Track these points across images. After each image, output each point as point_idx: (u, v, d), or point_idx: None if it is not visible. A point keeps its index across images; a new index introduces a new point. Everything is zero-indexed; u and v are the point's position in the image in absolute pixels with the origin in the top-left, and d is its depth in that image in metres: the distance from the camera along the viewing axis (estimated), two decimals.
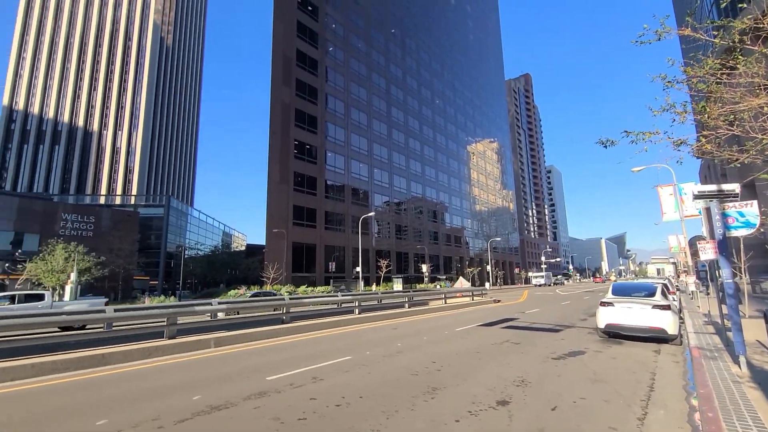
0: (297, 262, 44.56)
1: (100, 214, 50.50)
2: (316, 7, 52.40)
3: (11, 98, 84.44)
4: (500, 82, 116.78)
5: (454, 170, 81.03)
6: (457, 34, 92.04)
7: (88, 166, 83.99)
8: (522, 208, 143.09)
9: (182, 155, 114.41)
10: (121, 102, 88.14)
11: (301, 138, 47.09)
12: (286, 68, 46.82)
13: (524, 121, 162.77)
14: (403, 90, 68.93)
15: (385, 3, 67.65)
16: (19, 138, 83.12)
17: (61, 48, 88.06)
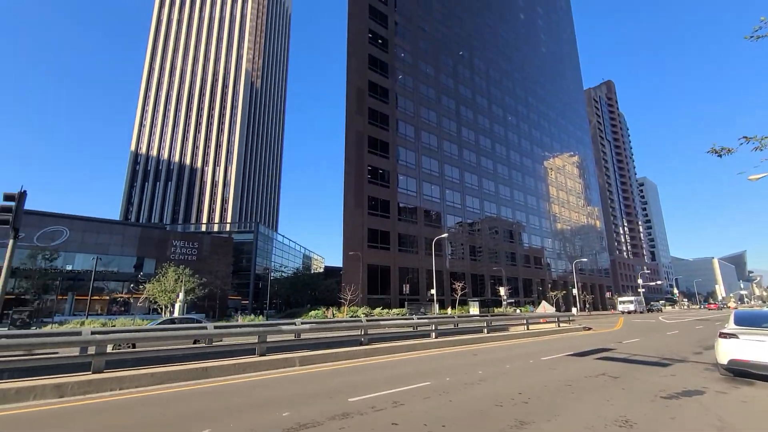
0: (372, 283, 45.40)
1: (202, 240, 56.94)
2: (386, 40, 55.02)
3: (137, 144, 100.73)
4: (578, 92, 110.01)
5: (531, 188, 77.07)
6: (528, 48, 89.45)
7: (193, 198, 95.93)
8: (611, 226, 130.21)
9: (268, 185, 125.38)
10: (219, 141, 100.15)
11: (374, 163, 48.82)
12: (360, 99, 49.43)
13: (608, 131, 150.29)
14: (473, 110, 68.34)
15: (451, 26, 68.65)
16: (141, 177, 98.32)
17: (174, 99, 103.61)
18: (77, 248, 46.72)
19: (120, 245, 49.76)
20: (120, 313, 46.24)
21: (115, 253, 48.83)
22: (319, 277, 76.67)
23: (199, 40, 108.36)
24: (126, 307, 48.32)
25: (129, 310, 47.79)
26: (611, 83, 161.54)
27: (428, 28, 63.61)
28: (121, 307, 48.14)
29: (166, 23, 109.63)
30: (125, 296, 48.35)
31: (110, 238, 49.45)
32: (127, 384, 8.98)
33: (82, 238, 47.46)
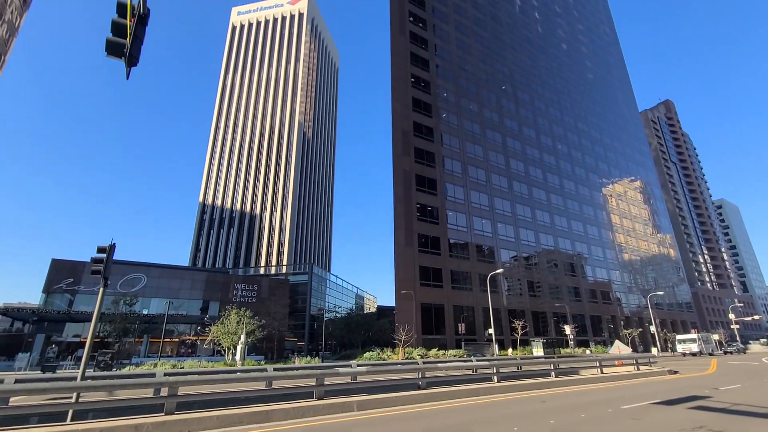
0: (426, 323, 44.20)
1: (260, 283, 59.54)
2: (428, 82, 57.05)
3: (204, 195, 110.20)
4: (634, 115, 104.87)
5: (590, 217, 72.68)
6: (574, 76, 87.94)
7: (252, 243, 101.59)
8: (688, 255, 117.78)
9: (320, 226, 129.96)
10: (275, 188, 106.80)
11: (422, 201, 49.14)
12: (405, 140, 50.89)
13: (673, 153, 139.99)
14: (520, 141, 67.38)
15: (492, 64, 69.76)
16: (207, 225, 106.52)
17: (236, 153, 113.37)
18: (153, 293, 50.80)
19: (189, 289, 53.42)
20: (188, 354, 48.73)
21: (184, 297, 52.40)
22: (372, 317, 76.15)
23: (258, 98, 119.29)
24: (193, 349, 50.90)
25: (195, 351, 50.27)
26: (670, 103, 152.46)
27: (469, 68, 65.15)
28: (188, 348, 50.80)
29: (230, 87, 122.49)
30: (192, 338, 51.10)
31: (180, 283, 53.36)
32: (194, 426, 9.35)
33: (157, 283, 51.69)
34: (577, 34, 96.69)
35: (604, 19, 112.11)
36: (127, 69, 8.16)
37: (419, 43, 58.31)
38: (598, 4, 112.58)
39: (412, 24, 58.31)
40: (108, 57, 7.79)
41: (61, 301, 46.55)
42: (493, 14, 74.61)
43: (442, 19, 64.03)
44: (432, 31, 61.15)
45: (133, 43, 7.88)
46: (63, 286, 46.59)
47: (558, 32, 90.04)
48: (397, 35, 56.27)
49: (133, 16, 8.08)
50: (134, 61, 8.27)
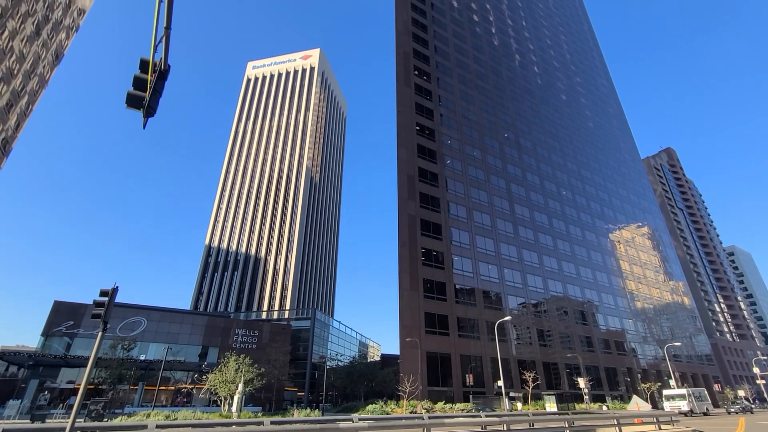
0: (432, 374, 42.34)
1: (262, 327, 58.21)
2: (433, 130, 59.02)
3: (210, 238, 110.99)
4: (636, 162, 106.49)
5: (598, 263, 71.57)
6: (575, 125, 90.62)
7: (256, 286, 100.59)
8: (703, 303, 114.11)
9: (325, 270, 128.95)
10: (281, 231, 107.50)
11: (427, 245, 48.99)
12: (410, 185, 51.76)
13: (678, 199, 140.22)
14: (524, 187, 68.18)
15: (494, 113, 72.37)
16: (212, 267, 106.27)
17: (244, 196, 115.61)
18: (152, 338, 49.73)
19: (188, 334, 52.26)
20: (183, 404, 46.68)
21: (183, 341, 51.15)
22: (376, 366, 73.26)
23: (268, 144, 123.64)
24: (189, 398, 48.82)
25: (191, 401, 48.18)
26: (671, 150, 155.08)
27: (472, 116, 67.59)
28: (184, 398, 48.75)
29: (242, 133, 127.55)
30: (189, 386, 49.18)
31: (181, 327, 52.33)
32: None
33: (156, 327, 50.74)
34: (576, 86, 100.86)
35: (601, 72, 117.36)
36: (144, 119, 8.63)
37: (424, 94, 61.06)
38: (594, 58, 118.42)
39: (416, 77, 61.43)
40: (127, 108, 8.31)
41: (59, 345, 45.65)
42: (494, 68, 78.56)
43: (445, 72, 67.47)
44: (436, 84, 64.23)
45: (152, 95, 8.39)
46: (63, 329, 45.92)
47: (557, 84, 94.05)
48: (403, 87, 59.10)
49: (154, 72, 8.67)
50: (152, 112, 8.75)
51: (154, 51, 8.36)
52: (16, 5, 51.65)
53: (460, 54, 72.58)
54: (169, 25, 7.67)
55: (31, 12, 55.86)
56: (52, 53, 65.35)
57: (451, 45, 71.77)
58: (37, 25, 58.28)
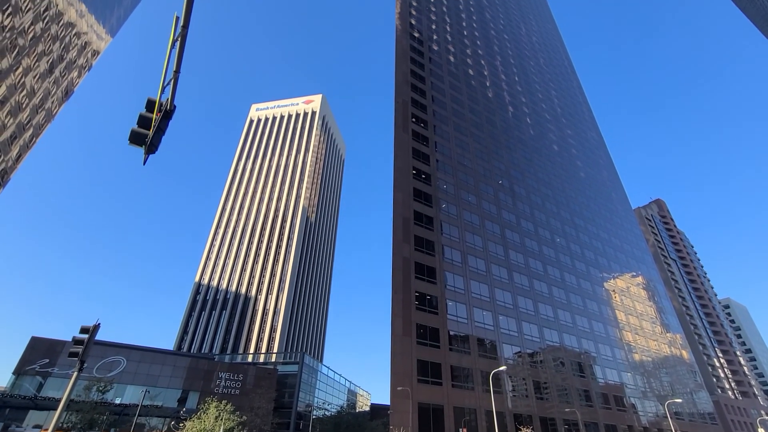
0: (424, 427, 40.10)
1: (247, 372, 55.64)
2: (429, 174, 60.28)
3: (201, 275, 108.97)
4: (628, 212, 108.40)
5: (594, 312, 70.60)
6: (567, 174, 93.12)
7: (244, 327, 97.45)
8: (702, 357, 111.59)
9: (316, 312, 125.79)
10: (273, 271, 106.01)
11: (421, 289, 48.30)
12: (406, 228, 51.97)
13: (671, 250, 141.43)
14: (518, 233, 68.65)
15: (489, 160, 74.45)
16: (200, 306, 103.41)
17: (238, 234, 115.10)
18: (130, 379, 47.21)
19: (169, 376, 49.73)
20: None
21: (163, 384, 48.55)
22: (365, 417, 69.46)
23: (266, 184, 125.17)
24: None
25: None
26: (662, 201, 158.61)
27: (467, 163, 69.39)
28: None
29: (241, 171, 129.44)
30: None
31: (161, 369, 49.90)
32: None
33: (136, 368, 48.35)
34: (567, 138, 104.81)
35: (590, 126, 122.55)
36: (145, 156, 8.79)
37: (421, 140, 63.02)
38: (583, 112, 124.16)
39: (414, 124, 63.72)
40: (129, 145, 8.49)
41: (30, 385, 43.14)
42: (488, 118, 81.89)
43: (442, 120, 70.14)
44: (432, 131, 66.53)
45: (155, 134, 8.61)
46: (36, 367, 43.63)
47: (549, 135, 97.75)
48: (401, 133, 61.09)
49: (160, 111, 8.96)
50: (153, 150, 8.93)
51: (162, 92, 8.70)
52: (34, 45, 54.05)
53: (456, 104, 75.87)
54: (178, 69, 8.04)
55: (47, 51, 58.37)
56: (62, 90, 67.50)
57: (447, 95, 75.21)
58: (51, 63, 60.66)
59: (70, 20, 63.86)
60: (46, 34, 57.15)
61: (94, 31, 72.87)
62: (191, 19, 8.13)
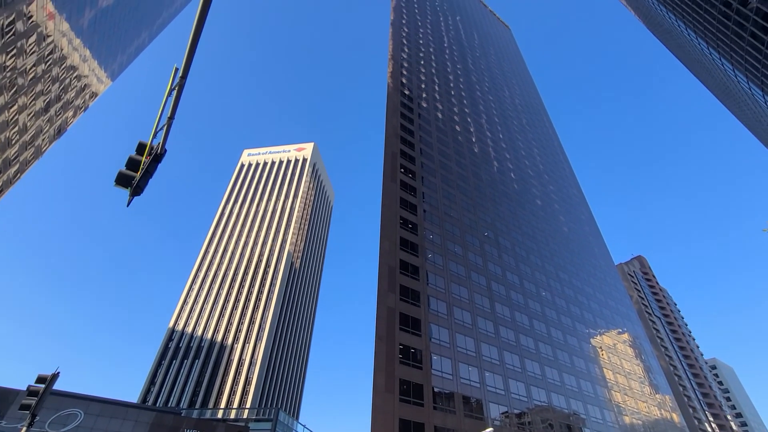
0: None
1: (215, 429, 51.50)
2: (416, 224, 60.87)
3: (175, 320, 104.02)
4: (610, 268, 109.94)
5: (582, 370, 68.93)
6: (551, 229, 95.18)
7: (216, 378, 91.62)
8: (693, 420, 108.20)
9: (295, 364, 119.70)
10: (252, 318, 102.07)
11: (405, 342, 46.81)
12: (391, 277, 51.40)
13: (655, 307, 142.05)
14: (504, 285, 68.47)
15: (475, 212, 75.98)
16: (171, 354, 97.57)
17: (219, 279, 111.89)
18: None
19: None
20: None
21: None
22: None
23: (252, 228, 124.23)
24: None
25: None
26: (643, 258, 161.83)
27: (454, 214, 70.60)
28: None
29: (228, 215, 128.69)
30: None
31: (122, 424, 45.84)
32: None
33: (94, 423, 44.31)
34: (550, 194, 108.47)
35: (571, 183, 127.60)
36: (130, 198, 8.75)
37: (409, 191, 64.35)
38: (564, 170, 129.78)
39: (402, 174, 65.41)
40: (115, 186, 8.46)
41: None
42: (474, 172, 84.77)
43: (429, 172, 72.26)
44: (420, 182, 68.24)
45: (142, 176, 8.64)
46: None
47: (532, 191, 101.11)
48: (390, 183, 62.44)
49: (150, 154, 9.06)
50: (139, 192, 8.91)
51: (154, 136, 8.87)
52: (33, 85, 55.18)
53: (443, 157, 78.70)
54: (173, 115, 8.28)
55: (45, 91, 59.52)
56: (55, 128, 68.03)
57: (435, 148, 78.18)
58: (47, 102, 61.62)
59: (73, 64, 65.96)
60: (47, 75, 58.63)
61: (95, 74, 75.14)
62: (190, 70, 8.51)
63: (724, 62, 60.07)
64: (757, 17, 43.65)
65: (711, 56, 64.80)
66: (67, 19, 60.83)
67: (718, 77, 73.46)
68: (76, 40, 64.29)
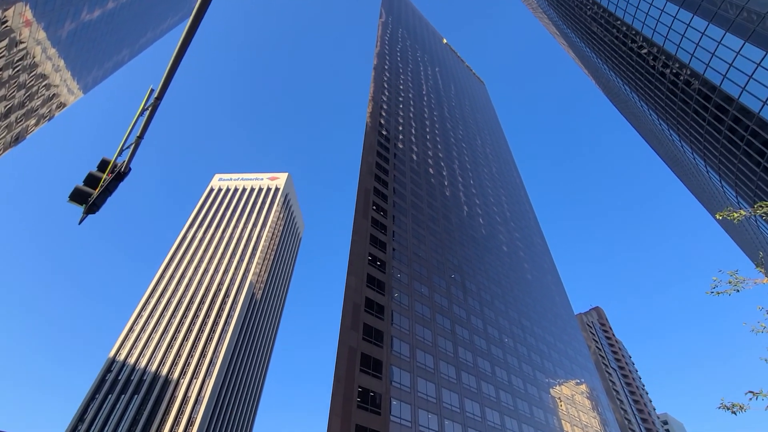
0: None
1: None
2: (384, 262, 60.61)
3: (117, 350, 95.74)
4: (570, 317, 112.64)
5: (541, 421, 68.27)
6: (515, 275, 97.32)
7: (156, 416, 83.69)
8: None
9: (245, 403, 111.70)
10: (204, 351, 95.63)
11: (365, 384, 45.02)
12: (355, 314, 50.19)
13: (611, 359, 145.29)
14: (468, 329, 68.28)
15: (443, 254, 76.85)
16: (108, 386, 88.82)
17: (172, 306, 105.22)
18: None
19: None
20: None
21: None
22: None
23: (215, 255, 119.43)
24: None
25: None
26: (600, 309, 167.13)
27: (422, 254, 71.07)
28: None
29: (189, 239, 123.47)
30: None
31: None
32: None
33: None
34: (515, 241, 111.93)
35: (536, 232, 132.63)
36: (84, 215, 8.24)
37: (379, 228, 64.58)
38: (530, 219, 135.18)
39: (374, 212, 65.85)
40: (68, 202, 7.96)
41: None
42: (444, 215, 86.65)
43: (401, 212, 73.20)
44: (391, 220, 68.82)
45: (101, 194, 8.21)
46: None
47: (499, 237, 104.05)
48: (361, 218, 62.55)
49: (113, 172, 8.69)
50: (95, 210, 8.43)
51: (119, 154, 8.55)
52: None
53: (415, 197, 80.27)
54: (142, 135, 8.06)
55: (8, 96, 56.94)
56: (13, 135, 64.56)
57: (408, 189, 79.78)
58: (9, 108, 58.81)
59: (44, 72, 63.92)
60: (13, 81, 56.31)
61: (66, 85, 72.95)
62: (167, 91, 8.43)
63: (672, 134, 66.31)
64: (699, 97, 49.05)
65: (661, 127, 71.47)
66: (45, 28, 59.62)
67: (668, 147, 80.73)
68: (51, 50, 62.73)
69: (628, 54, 67.04)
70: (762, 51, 37.17)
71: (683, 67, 50.39)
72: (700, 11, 45.55)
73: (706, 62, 45.28)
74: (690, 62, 48.35)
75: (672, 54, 52.11)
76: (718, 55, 43.28)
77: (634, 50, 63.75)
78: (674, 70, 53.48)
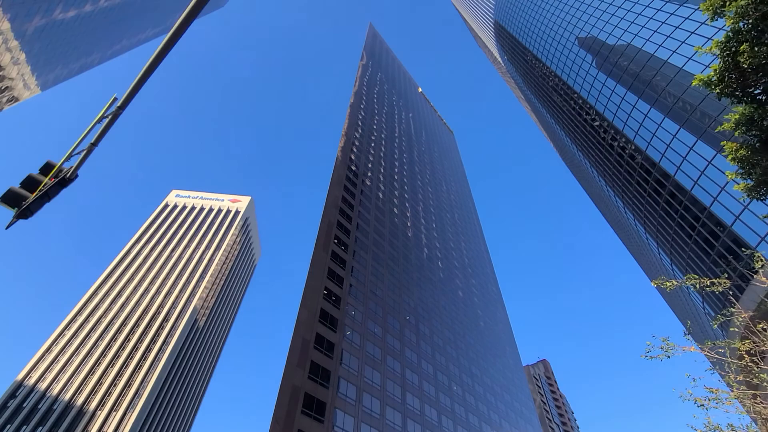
0: None
1: None
2: (340, 298, 59.19)
3: (27, 374, 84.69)
4: (519, 369, 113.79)
5: None
6: (469, 321, 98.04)
7: None
8: None
9: None
10: (131, 380, 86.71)
11: (305, 428, 42.21)
12: (304, 350, 47.92)
13: (555, 413, 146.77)
14: (418, 375, 66.92)
15: (400, 293, 76.42)
16: (8, 416, 77.37)
17: (101, 328, 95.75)
18: None
19: None
20: None
21: None
22: None
23: (159, 274, 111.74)
24: None
25: None
26: (547, 362, 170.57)
27: (379, 293, 70.26)
28: None
29: (133, 256, 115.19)
30: None
31: None
32: None
33: None
34: (471, 287, 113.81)
35: (492, 281, 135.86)
36: (13, 219, 7.48)
37: (338, 262, 63.58)
38: (486, 267, 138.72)
39: (335, 245, 65.07)
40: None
41: None
42: (405, 255, 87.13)
43: (362, 248, 72.83)
44: (352, 256, 68.13)
45: (39, 199, 7.53)
46: None
47: (456, 281, 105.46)
48: (321, 251, 61.46)
49: (56, 177, 8.05)
50: (28, 215, 7.70)
51: (67, 158, 7.99)
52: None
53: (378, 235, 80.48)
54: (96, 143, 7.62)
55: None
56: None
57: (371, 226, 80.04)
58: None
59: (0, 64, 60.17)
60: None
61: (23, 80, 68.82)
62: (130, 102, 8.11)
63: (617, 200, 72.12)
64: (642, 170, 54.20)
65: (608, 193, 77.63)
66: (11, 20, 56.82)
67: (614, 212, 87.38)
68: (12, 42, 59.48)
69: (582, 124, 73.64)
70: (693, 137, 42.12)
71: (629, 142, 55.87)
72: (645, 96, 51.44)
73: (648, 140, 50.56)
74: (634, 139, 53.75)
75: (620, 129, 57.80)
76: (658, 135, 48.53)
77: (588, 121, 70.18)
78: (621, 143, 59.12)
